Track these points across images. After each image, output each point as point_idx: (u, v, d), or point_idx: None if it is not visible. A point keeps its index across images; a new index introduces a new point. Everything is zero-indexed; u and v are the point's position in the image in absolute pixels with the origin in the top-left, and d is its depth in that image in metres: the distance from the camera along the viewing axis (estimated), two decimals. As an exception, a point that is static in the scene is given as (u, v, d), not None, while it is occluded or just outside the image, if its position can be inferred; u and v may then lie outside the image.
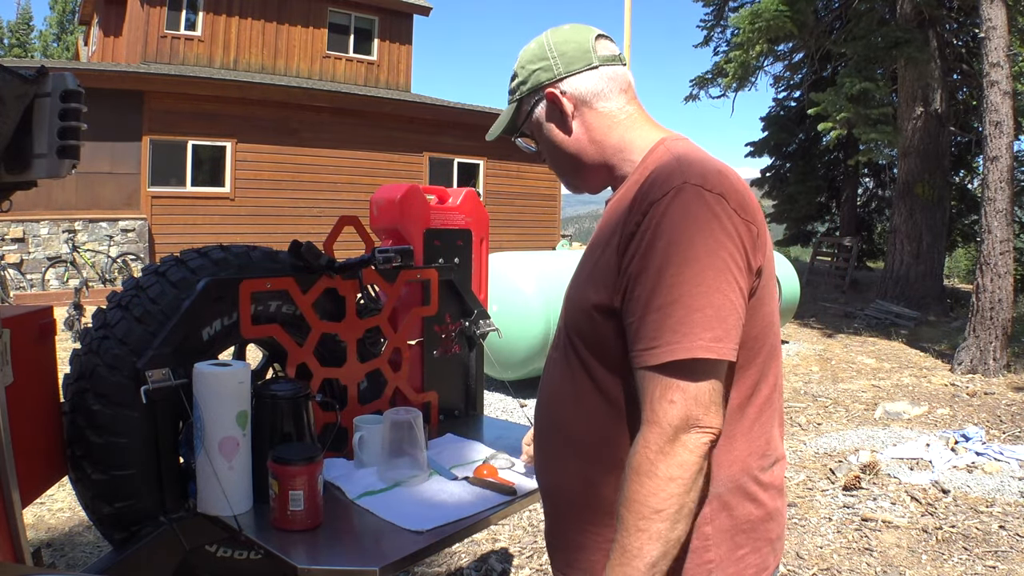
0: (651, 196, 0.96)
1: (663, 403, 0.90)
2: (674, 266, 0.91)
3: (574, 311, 1.08)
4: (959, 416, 5.32)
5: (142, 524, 1.73)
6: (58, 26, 35.05)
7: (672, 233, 0.92)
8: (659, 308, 0.91)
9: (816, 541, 3.27)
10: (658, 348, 0.91)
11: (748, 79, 12.22)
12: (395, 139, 14.14)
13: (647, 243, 0.94)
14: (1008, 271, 6.77)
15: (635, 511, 0.90)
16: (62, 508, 3.39)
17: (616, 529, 0.93)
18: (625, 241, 0.97)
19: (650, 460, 0.90)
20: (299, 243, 1.93)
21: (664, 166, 1.00)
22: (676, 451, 0.89)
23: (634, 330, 0.95)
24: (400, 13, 16.00)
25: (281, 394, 1.65)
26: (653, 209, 0.95)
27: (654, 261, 0.93)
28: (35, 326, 1.73)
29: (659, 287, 0.92)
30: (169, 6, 13.25)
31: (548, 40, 1.16)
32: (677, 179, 0.95)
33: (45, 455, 1.75)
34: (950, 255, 16.73)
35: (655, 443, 0.90)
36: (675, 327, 0.90)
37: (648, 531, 0.89)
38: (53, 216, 10.81)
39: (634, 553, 0.90)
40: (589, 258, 1.09)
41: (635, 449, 0.92)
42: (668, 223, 0.93)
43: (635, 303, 0.94)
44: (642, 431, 0.92)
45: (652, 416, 0.91)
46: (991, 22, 6.86)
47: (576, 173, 1.19)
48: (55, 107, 1.46)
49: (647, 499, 0.89)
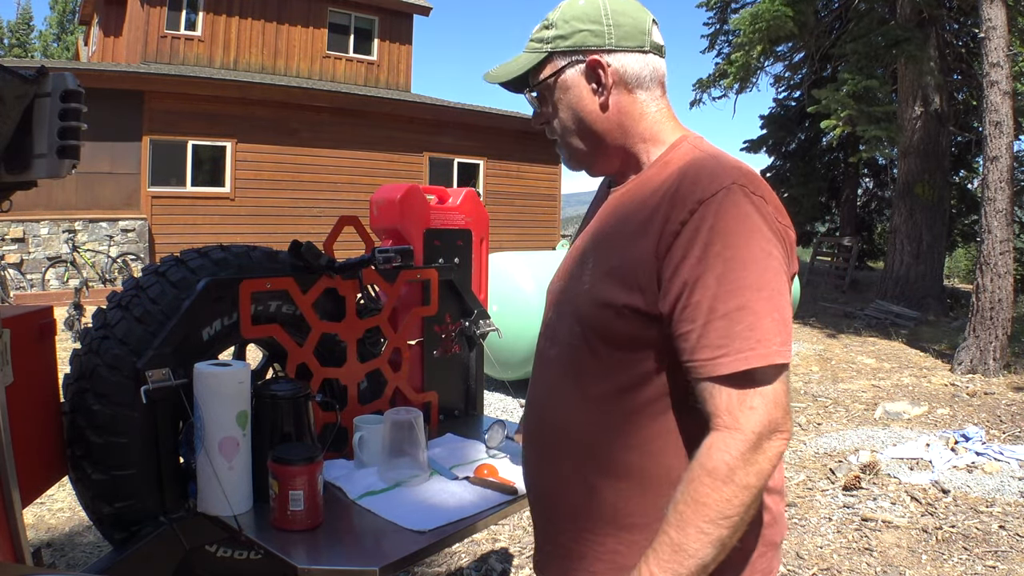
0: (697, 194, 0.91)
1: (744, 410, 0.88)
2: (736, 270, 0.88)
3: (590, 307, 1.01)
4: (959, 416, 5.32)
5: (142, 524, 1.73)
6: (58, 26, 35.04)
7: (729, 235, 0.89)
8: (726, 315, 0.88)
9: (816, 541, 3.27)
10: (728, 356, 0.88)
11: (749, 80, 12.22)
12: (395, 139, 14.14)
13: (702, 244, 0.90)
14: (1008, 271, 6.77)
15: (702, 513, 0.87)
16: (62, 508, 3.39)
17: (665, 524, 0.90)
18: (668, 239, 0.92)
19: (730, 466, 0.87)
20: (299, 243, 1.93)
21: (702, 164, 0.96)
22: (758, 459, 0.87)
23: (695, 338, 0.90)
24: (400, 13, 16.00)
25: (281, 394, 1.65)
26: (703, 208, 0.90)
27: (714, 265, 0.89)
28: (35, 326, 1.73)
29: (722, 292, 0.88)
30: (169, 6, 13.25)
31: (605, 5, 1.06)
32: (725, 178, 0.92)
33: (45, 455, 1.75)
34: (950, 255, 16.73)
35: (738, 450, 0.87)
36: (745, 334, 0.88)
37: (711, 535, 0.87)
38: (53, 216, 10.81)
39: (690, 553, 0.87)
40: (602, 251, 1.03)
41: (712, 453, 0.89)
42: (724, 224, 0.90)
43: (694, 309, 0.90)
44: (721, 437, 0.89)
45: (733, 423, 0.88)
46: (991, 22, 6.86)
47: (592, 150, 1.09)
48: (55, 107, 1.46)
49: (718, 504, 0.87)
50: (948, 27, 11.55)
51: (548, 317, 1.13)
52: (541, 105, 1.11)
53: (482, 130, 15.11)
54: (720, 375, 0.88)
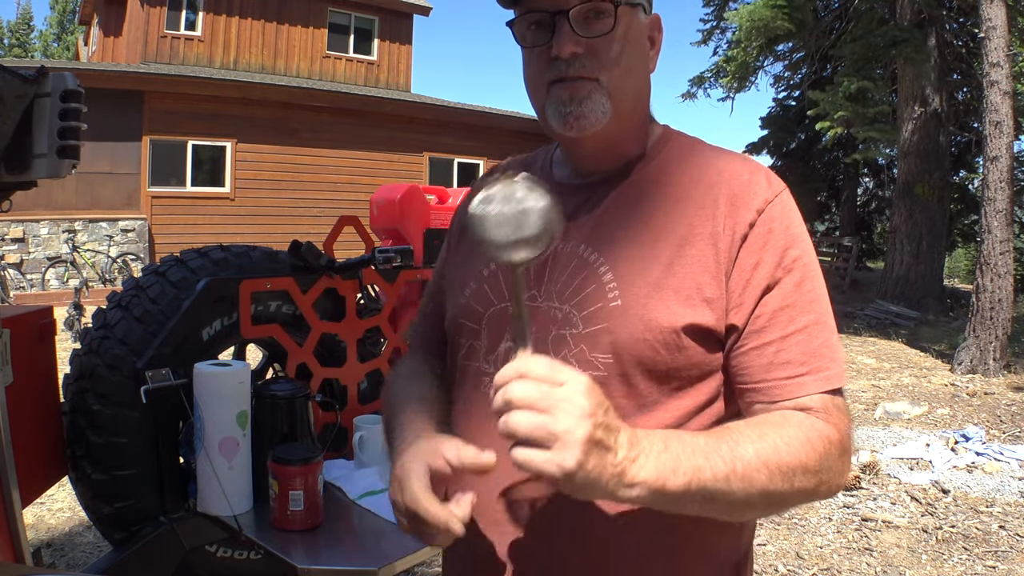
0: (760, 194, 0.82)
1: (835, 414, 0.78)
2: (809, 280, 0.81)
3: (637, 330, 0.79)
4: (959, 416, 5.32)
5: (142, 524, 1.73)
6: (58, 26, 35.04)
7: (800, 240, 0.82)
8: (804, 328, 0.79)
9: (816, 541, 3.27)
10: (808, 376, 0.78)
11: (748, 79, 12.22)
12: (395, 139, 14.13)
13: (778, 248, 0.80)
14: (1008, 271, 6.77)
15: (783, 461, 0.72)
16: (62, 508, 3.39)
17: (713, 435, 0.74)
18: (737, 243, 0.79)
19: (831, 441, 0.76)
20: (299, 243, 1.94)
21: (739, 161, 0.86)
22: (847, 462, 0.78)
23: (772, 352, 0.78)
24: (400, 13, 15.99)
25: (281, 394, 1.65)
26: (771, 209, 0.81)
27: (791, 273, 0.80)
28: (35, 326, 1.73)
29: (801, 302, 0.79)
30: (169, 6, 13.24)
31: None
32: (776, 181, 0.84)
33: (45, 455, 1.75)
34: (950, 255, 16.74)
35: (838, 438, 0.76)
36: (822, 351, 0.79)
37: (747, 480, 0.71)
38: (53, 216, 10.80)
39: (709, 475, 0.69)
40: (631, 261, 0.82)
41: (817, 424, 0.76)
42: (795, 229, 0.82)
43: (772, 319, 0.79)
44: (822, 422, 0.77)
45: (829, 419, 0.77)
46: (991, 22, 6.85)
47: (625, 112, 0.85)
48: (55, 107, 1.46)
49: (798, 460, 0.73)
50: (948, 27, 11.56)
51: (504, 346, 0.85)
52: (591, 25, 0.82)
53: (482, 130, 15.10)
54: (797, 396, 0.78)
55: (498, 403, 0.64)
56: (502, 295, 0.87)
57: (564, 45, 0.80)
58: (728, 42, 13.06)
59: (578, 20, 0.81)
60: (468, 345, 0.89)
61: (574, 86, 0.82)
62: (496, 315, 0.87)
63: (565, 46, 0.80)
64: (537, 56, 0.85)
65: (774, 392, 0.78)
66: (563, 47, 0.80)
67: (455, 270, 0.97)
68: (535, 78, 0.86)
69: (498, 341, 0.86)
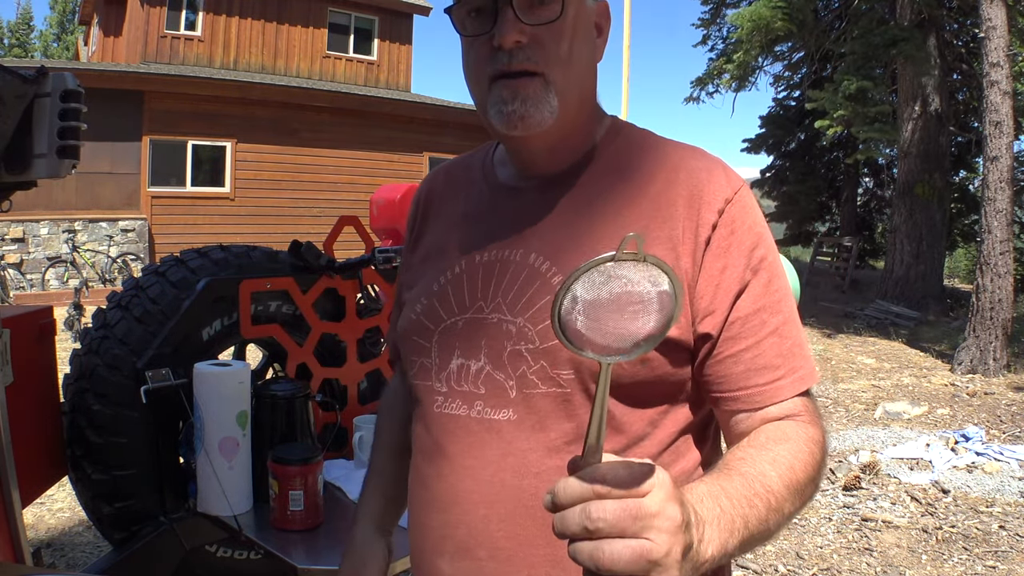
0: (721, 192, 0.77)
1: (810, 415, 0.77)
2: (776, 279, 0.78)
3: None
4: (959, 416, 5.32)
5: (142, 524, 1.73)
6: (58, 26, 35.04)
7: (764, 238, 0.78)
8: (775, 330, 0.76)
9: (816, 541, 3.27)
10: (784, 379, 0.76)
11: (748, 79, 12.22)
12: (395, 139, 14.13)
13: (743, 249, 0.76)
14: (1008, 271, 6.77)
15: (798, 479, 0.71)
16: (62, 508, 3.39)
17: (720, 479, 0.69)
18: (701, 246, 0.76)
19: (820, 445, 0.75)
20: (299, 243, 1.94)
21: (698, 155, 0.81)
22: (824, 470, 0.77)
23: (749, 358, 0.76)
24: (400, 13, 15.99)
25: (281, 394, 1.65)
26: (730, 209, 0.77)
27: (759, 274, 0.77)
28: (35, 326, 1.73)
29: (769, 304, 0.77)
30: (169, 6, 13.24)
31: None
32: (734, 176, 0.80)
33: (45, 455, 1.75)
34: (950, 255, 16.73)
35: (824, 445, 0.76)
36: (794, 351, 0.77)
37: (787, 503, 0.70)
38: (53, 216, 10.81)
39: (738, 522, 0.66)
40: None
41: (801, 429, 0.75)
42: (757, 227, 0.78)
43: (744, 325, 0.76)
44: (802, 423, 0.76)
45: (809, 419, 0.77)
46: (991, 22, 6.86)
47: (573, 105, 0.80)
48: (55, 107, 1.46)
49: (806, 474, 0.72)
50: (948, 27, 11.56)
51: (455, 363, 0.81)
52: (536, 12, 0.76)
53: (482, 130, 14.85)
54: (776, 402, 0.76)
55: (573, 528, 0.52)
56: (451, 310, 0.82)
57: (507, 33, 0.74)
58: (725, 40, 13.06)
59: (522, 7, 0.75)
60: (419, 363, 0.85)
61: (518, 83, 0.76)
62: (446, 330, 0.82)
63: (508, 34, 0.74)
64: (478, 46, 0.79)
65: (755, 399, 0.76)
66: (506, 36, 0.74)
67: (410, 280, 0.93)
68: (476, 70, 0.80)
69: (449, 358, 0.81)
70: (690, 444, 0.82)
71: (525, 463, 0.76)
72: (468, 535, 0.78)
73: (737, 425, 0.78)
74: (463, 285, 0.83)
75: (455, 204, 0.92)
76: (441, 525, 0.80)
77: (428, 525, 0.82)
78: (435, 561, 0.81)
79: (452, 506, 0.79)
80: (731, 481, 0.67)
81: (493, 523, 0.77)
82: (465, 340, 0.80)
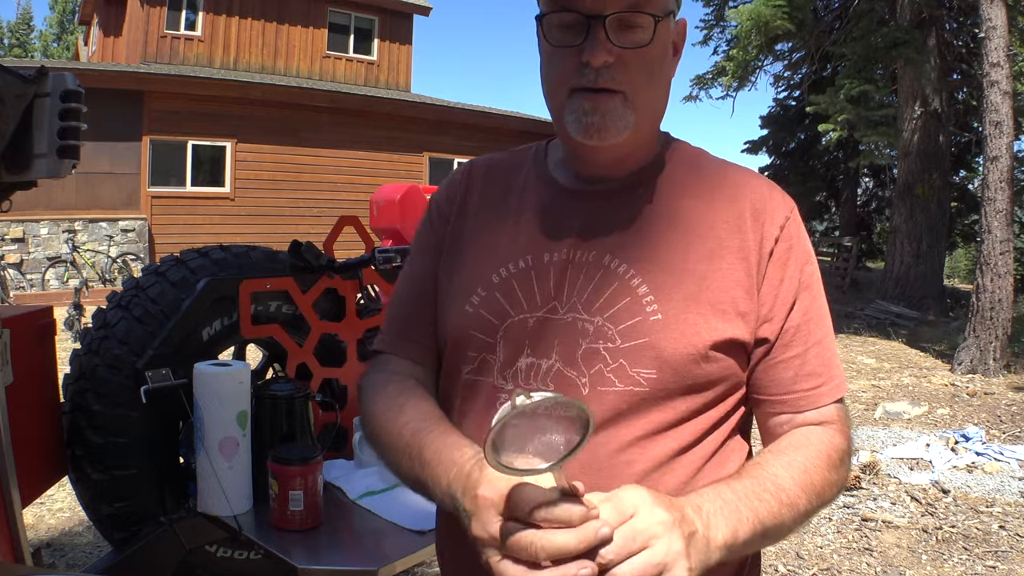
0: (781, 209, 0.85)
1: (843, 421, 0.85)
2: (820, 295, 0.86)
3: (679, 345, 0.77)
4: (959, 416, 5.32)
5: (142, 524, 1.73)
6: (58, 26, 35.05)
7: (812, 258, 0.87)
8: (819, 341, 0.84)
9: (816, 541, 3.27)
10: (824, 386, 0.84)
11: (748, 78, 12.22)
12: (395, 139, 14.13)
13: (798, 264, 0.84)
14: (1008, 271, 6.77)
15: (814, 482, 0.77)
16: (62, 508, 3.39)
17: (741, 480, 0.75)
18: (765, 257, 0.82)
19: (837, 464, 0.82)
20: (299, 243, 1.94)
21: (749, 174, 0.89)
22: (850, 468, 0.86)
23: (798, 365, 0.83)
24: (400, 13, 15.99)
25: (281, 394, 1.65)
26: (789, 225, 0.85)
27: (809, 286, 0.84)
28: (35, 326, 1.73)
29: (816, 316, 0.84)
30: (169, 6, 13.25)
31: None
32: (787, 197, 0.88)
33: (45, 455, 1.75)
34: (950, 255, 16.74)
35: (847, 452, 0.84)
36: (832, 361, 0.85)
37: (803, 501, 0.76)
38: (53, 216, 10.81)
39: (757, 518, 0.71)
40: (665, 274, 0.79)
41: (830, 437, 0.82)
42: (807, 244, 0.86)
43: (796, 334, 0.82)
44: (838, 440, 0.83)
45: (840, 427, 0.84)
46: (991, 22, 6.85)
47: (648, 120, 0.84)
48: (55, 107, 1.46)
49: (823, 477, 0.79)
50: (948, 27, 11.56)
51: (524, 361, 0.81)
52: (625, 35, 0.78)
53: (482, 130, 15.11)
54: (817, 407, 0.83)
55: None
56: (520, 307, 0.83)
57: (597, 53, 0.76)
58: (728, 40, 13.07)
59: (614, 28, 0.77)
60: (480, 359, 0.84)
61: (599, 97, 0.78)
62: (514, 327, 0.82)
63: (598, 54, 0.76)
64: (562, 57, 0.80)
65: (800, 403, 0.83)
66: (596, 55, 0.76)
67: (454, 273, 0.90)
68: (558, 80, 0.81)
69: (517, 355, 0.81)
70: (740, 442, 0.88)
71: (594, 458, 0.77)
72: None
73: (778, 427, 0.85)
74: (532, 282, 0.83)
75: (505, 198, 0.91)
76: None
77: None
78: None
79: None
80: (739, 480, 0.74)
81: None
82: (537, 338, 0.81)
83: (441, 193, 0.98)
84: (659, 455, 0.79)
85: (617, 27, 0.77)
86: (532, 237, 0.86)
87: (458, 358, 0.87)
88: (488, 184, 0.94)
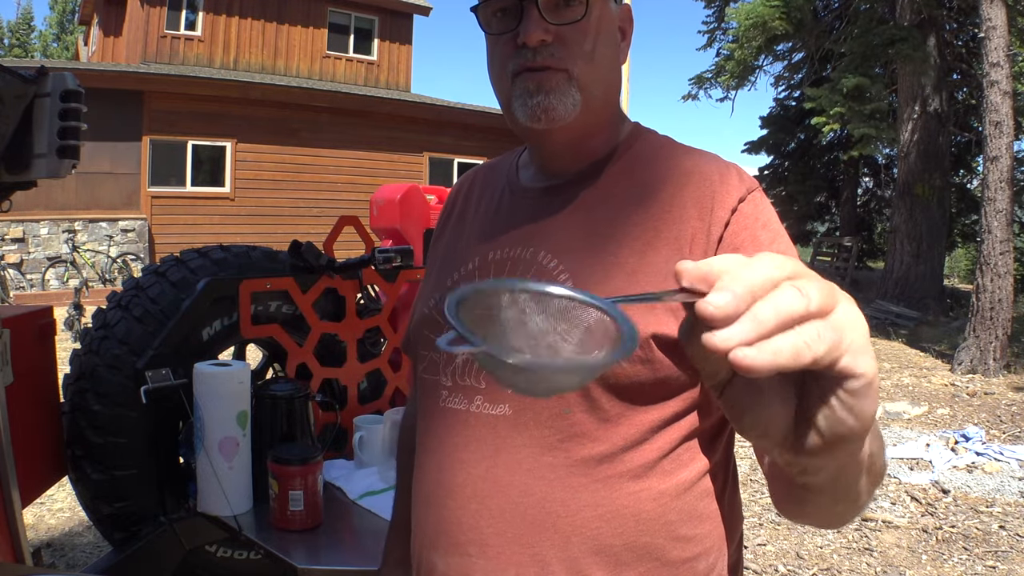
0: (734, 192, 0.77)
1: None
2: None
3: None
4: (959, 416, 5.32)
5: (142, 524, 1.73)
6: (58, 26, 35.05)
7: (779, 238, 0.76)
8: None
9: (816, 541, 3.27)
10: None
11: (747, 78, 12.22)
12: (395, 139, 14.13)
13: (752, 248, 0.74)
14: (1008, 271, 6.77)
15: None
16: (62, 508, 3.39)
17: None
18: (713, 246, 0.74)
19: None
20: (299, 243, 1.94)
21: (705, 159, 0.82)
22: None
23: None
24: (400, 13, 15.99)
25: (281, 394, 1.65)
26: (743, 207, 0.76)
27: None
28: (35, 326, 1.73)
29: None
30: (169, 6, 13.25)
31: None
32: (748, 178, 0.80)
33: (45, 455, 1.75)
34: (950, 255, 16.73)
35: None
36: None
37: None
38: (53, 216, 10.81)
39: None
40: (620, 270, 0.76)
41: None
42: (773, 225, 0.77)
43: None
44: None
45: None
46: (991, 22, 6.85)
47: (598, 103, 0.81)
48: (55, 107, 1.46)
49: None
50: (948, 27, 11.56)
51: (460, 358, 0.81)
52: (561, 12, 0.78)
53: (482, 130, 15.11)
54: None
55: (768, 325, 0.41)
56: None
57: (532, 32, 0.76)
58: (729, 40, 13.08)
59: (547, 7, 0.77)
60: (428, 358, 0.85)
61: (542, 76, 0.77)
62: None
63: (533, 33, 0.76)
64: (503, 44, 0.80)
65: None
66: (530, 34, 0.76)
67: (424, 281, 0.95)
68: (499, 67, 0.81)
69: (455, 353, 0.79)
70: (695, 453, 0.78)
71: (517, 459, 0.75)
72: (460, 531, 0.77)
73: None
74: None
75: (478, 205, 0.93)
76: (436, 520, 0.80)
77: (425, 520, 0.82)
78: (430, 556, 0.81)
79: (447, 500, 0.79)
80: None
81: (483, 519, 0.76)
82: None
83: (444, 206, 1.03)
84: (582, 457, 0.75)
85: (552, 7, 0.77)
86: (485, 238, 0.87)
87: (416, 358, 0.90)
88: (471, 191, 0.96)
